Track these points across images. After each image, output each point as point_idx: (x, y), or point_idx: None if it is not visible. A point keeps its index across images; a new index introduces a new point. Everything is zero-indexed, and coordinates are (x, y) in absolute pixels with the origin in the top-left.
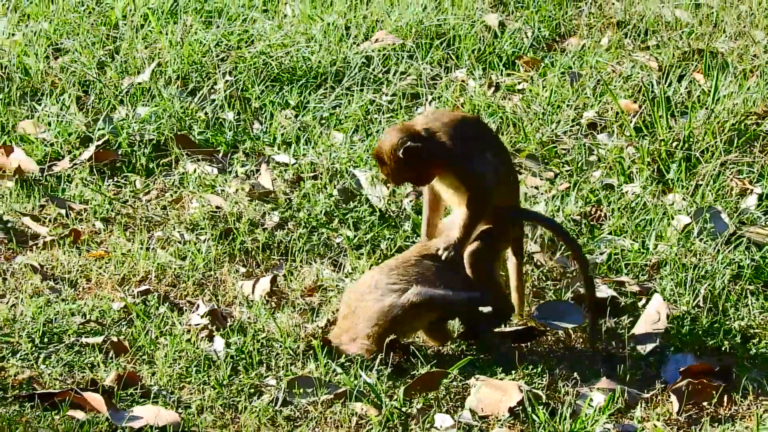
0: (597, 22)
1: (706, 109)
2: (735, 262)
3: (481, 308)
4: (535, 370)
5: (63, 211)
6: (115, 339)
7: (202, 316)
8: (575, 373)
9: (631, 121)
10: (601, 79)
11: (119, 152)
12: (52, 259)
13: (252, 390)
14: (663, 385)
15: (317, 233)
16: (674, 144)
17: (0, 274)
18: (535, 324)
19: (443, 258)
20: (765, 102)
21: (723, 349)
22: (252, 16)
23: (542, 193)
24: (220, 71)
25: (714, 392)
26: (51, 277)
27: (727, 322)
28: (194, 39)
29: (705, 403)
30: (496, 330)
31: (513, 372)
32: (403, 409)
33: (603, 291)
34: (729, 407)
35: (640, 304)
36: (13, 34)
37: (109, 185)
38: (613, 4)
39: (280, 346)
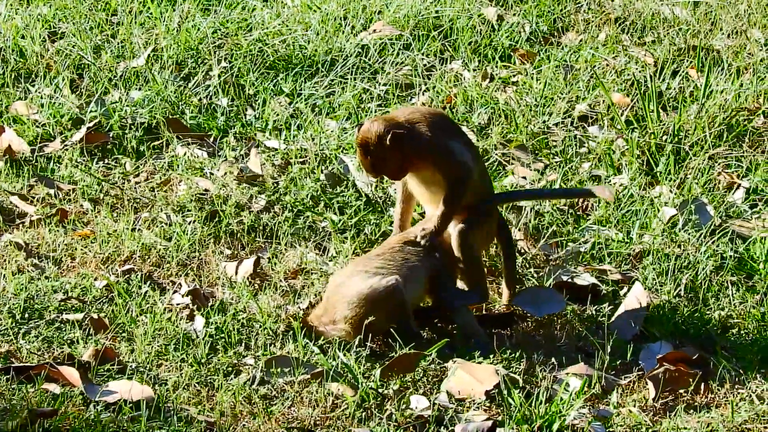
0: (595, 17)
1: (698, 103)
2: (718, 253)
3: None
4: (512, 355)
5: (51, 191)
6: (95, 316)
7: (183, 296)
8: (553, 359)
9: (622, 114)
10: (595, 73)
11: (110, 134)
12: (37, 238)
13: (230, 369)
14: (640, 372)
15: (303, 217)
16: (664, 137)
17: None
18: (515, 309)
19: (422, 243)
20: (756, 98)
21: (702, 338)
22: (251, 5)
23: (531, 183)
24: (215, 57)
25: (691, 380)
26: (36, 255)
27: (708, 312)
28: (192, 25)
29: (681, 391)
30: (474, 314)
31: (491, 356)
32: (380, 390)
33: (584, 278)
34: (705, 395)
35: (621, 292)
36: (12, 17)
37: (99, 167)
38: (612, 0)
39: (260, 327)
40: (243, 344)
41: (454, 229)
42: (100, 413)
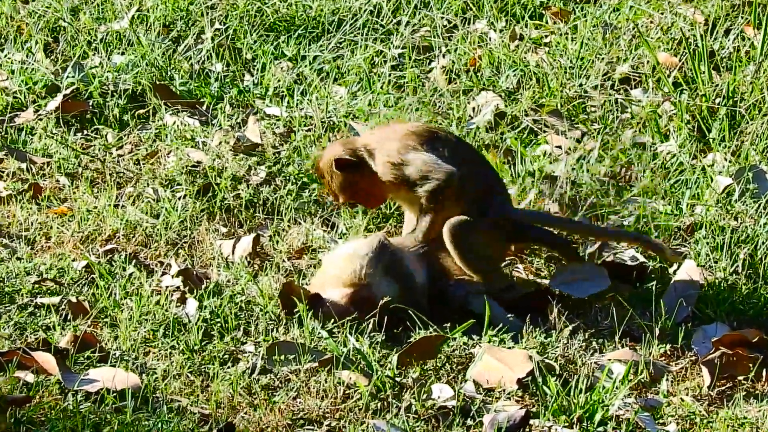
0: None
1: (755, 63)
2: None
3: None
4: (548, 339)
5: (23, 165)
6: (74, 300)
7: (173, 277)
8: (594, 343)
9: (669, 75)
10: (638, 31)
11: (90, 103)
12: (8, 216)
13: (226, 357)
14: (693, 357)
15: (308, 189)
16: (717, 100)
17: None
18: (549, 289)
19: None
20: None
21: (762, 318)
22: None
23: (567, 153)
24: (208, 18)
25: (750, 365)
26: (6, 234)
27: None
28: None
29: (740, 377)
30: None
31: (523, 340)
32: (397, 379)
33: (629, 256)
34: (767, 382)
35: (671, 269)
36: None
37: (77, 138)
38: None
39: (261, 310)
40: (241, 329)
41: (445, 227)
42: (79, 403)
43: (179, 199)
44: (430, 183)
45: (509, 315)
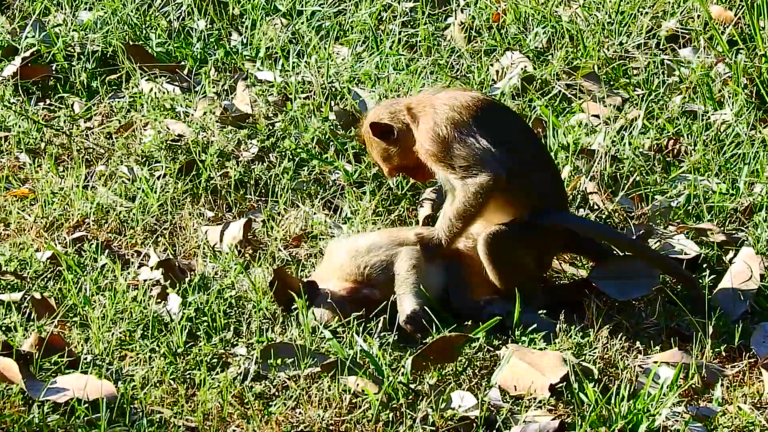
0: None
1: None
2: None
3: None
4: (585, 339)
5: None
6: (37, 296)
7: (153, 269)
8: (637, 343)
9: (723, 33)
10: None
11: (53, 67)
12: None
13: (215, 360)
14: (752, 360)
15: (307, 167)
16: None
17: None
18: (589, 282)
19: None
20: None
21: None
22: None
23: (605, 123)
24: None
25: None
26: None
27: None
28: None
29: None
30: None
31: (556, 340)
32: (411, 386)
33: (678, 242)
34: None
35: (726, 258)
36: None
37: (38, 108)
38: None
39: (254, 307)
40: (231, 329)
41: (480, 235)
42: (46, 415)
43: (158, 178)
44: (472, 179)
45: (541, 311)
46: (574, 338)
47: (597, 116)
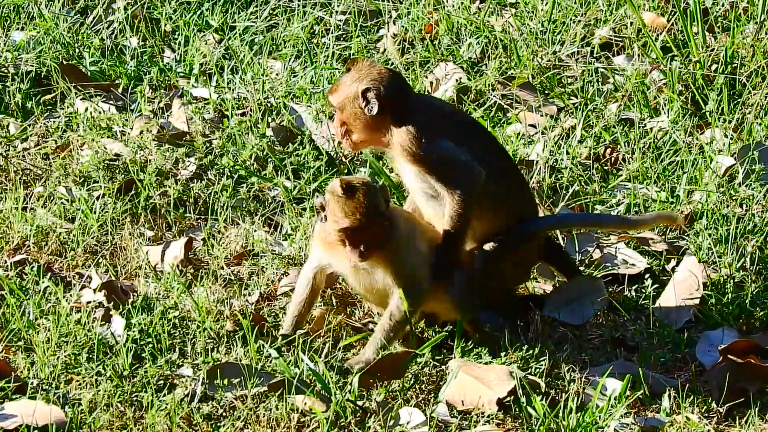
0: None
1: (755, 22)
2: None
3: None
4: (530, 352)
5: None
6: None
7: (95, 291)
8: (583, 355)
9: (657, 39)
10: None
11: None
12: None
13: (161, 382)
14: (698, 369)
15: (246, 184)
16: (713, 67)
17: None
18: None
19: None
20: None
21: None
22: None
23: (542, 133)
24: None
25: (764, 376)
26: None
27: None
28: None
29: (752, 390)
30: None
31: (502, 354)
32: (359, 403)
33: (619, 252)
34: None
35: (669, 266)
36: None
37: None
38: None
39: (198, 327)
40: (177, 350)
41: (478, 251)
42: None
43: (97, 199)
44: (454, 184)
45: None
46: (521, 352)
47: (533, 126)
